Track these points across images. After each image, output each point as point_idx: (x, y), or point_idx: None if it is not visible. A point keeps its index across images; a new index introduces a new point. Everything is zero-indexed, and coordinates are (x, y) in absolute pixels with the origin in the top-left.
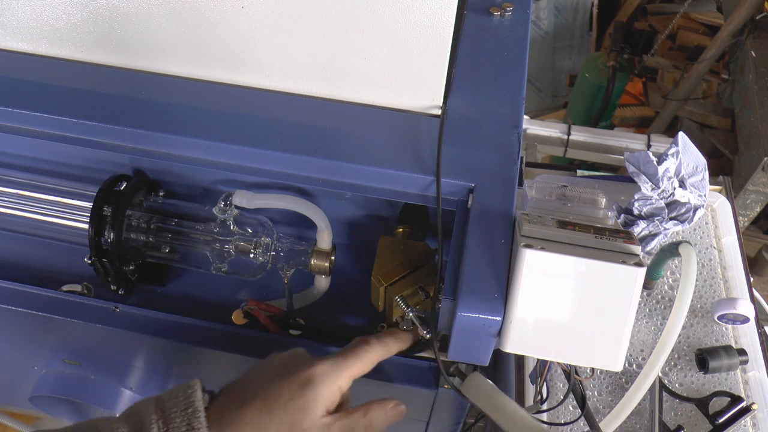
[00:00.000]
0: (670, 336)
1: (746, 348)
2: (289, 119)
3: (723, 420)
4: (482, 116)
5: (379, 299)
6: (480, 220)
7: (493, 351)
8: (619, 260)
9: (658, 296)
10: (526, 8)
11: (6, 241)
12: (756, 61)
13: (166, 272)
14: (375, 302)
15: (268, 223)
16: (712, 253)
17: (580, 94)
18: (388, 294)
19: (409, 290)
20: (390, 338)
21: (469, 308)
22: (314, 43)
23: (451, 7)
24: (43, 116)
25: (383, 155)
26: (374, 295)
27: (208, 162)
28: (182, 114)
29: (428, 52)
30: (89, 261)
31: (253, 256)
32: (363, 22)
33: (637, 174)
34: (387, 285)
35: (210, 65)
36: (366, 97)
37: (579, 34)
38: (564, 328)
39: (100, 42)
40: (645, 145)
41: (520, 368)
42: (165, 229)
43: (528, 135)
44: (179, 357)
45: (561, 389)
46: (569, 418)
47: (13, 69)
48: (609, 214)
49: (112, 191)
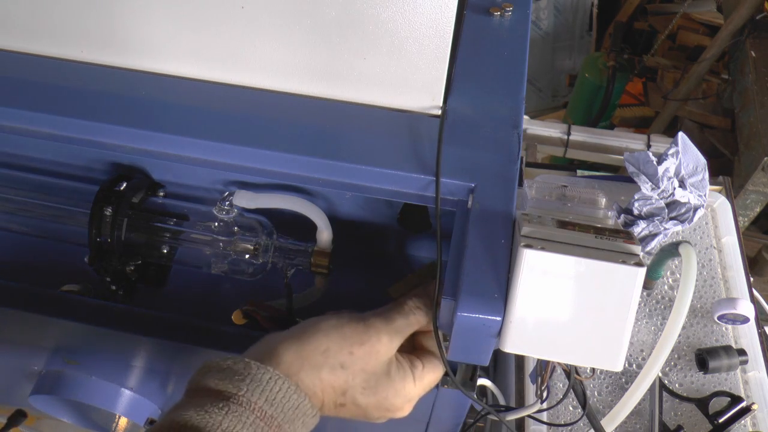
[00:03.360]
0: (670, 336)
1: (746, 348)
2: (289, 119)
3: (723, 420)
4: (482, 116)
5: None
6: (480, 220)
7: (493, 351)
8: (619, 260)
9: (658, 296)
10: (526, 8)
11: (6, 241)
12: (756, 61)
13: (166, 272)
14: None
15: (268, 223)
16: (712, 253)
17: (580, 94)
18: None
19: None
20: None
21: (469, 308)
22: (314, 43)
23: (451, 7)
24: (43, 116)
25: (383, 155)
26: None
27: (208, 162)
28: (182, 114)
29: (428, 52)
30: (89, 261)
31: (253, 256)
32: (363, 22)
33: (637, 174)
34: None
35: (210, 65)
36: (366, 97)
37: (579, 34)
38: (564, 328)
39: (100, 42)
40: (645, 145)
41: (520, 368)
42: (165, 229)
43: (528, 135)
44: (179, 357)
45: (561, 389)
46: (569, 418)
47: (13, 69)
48: (609, 214)
49: (112, 191)
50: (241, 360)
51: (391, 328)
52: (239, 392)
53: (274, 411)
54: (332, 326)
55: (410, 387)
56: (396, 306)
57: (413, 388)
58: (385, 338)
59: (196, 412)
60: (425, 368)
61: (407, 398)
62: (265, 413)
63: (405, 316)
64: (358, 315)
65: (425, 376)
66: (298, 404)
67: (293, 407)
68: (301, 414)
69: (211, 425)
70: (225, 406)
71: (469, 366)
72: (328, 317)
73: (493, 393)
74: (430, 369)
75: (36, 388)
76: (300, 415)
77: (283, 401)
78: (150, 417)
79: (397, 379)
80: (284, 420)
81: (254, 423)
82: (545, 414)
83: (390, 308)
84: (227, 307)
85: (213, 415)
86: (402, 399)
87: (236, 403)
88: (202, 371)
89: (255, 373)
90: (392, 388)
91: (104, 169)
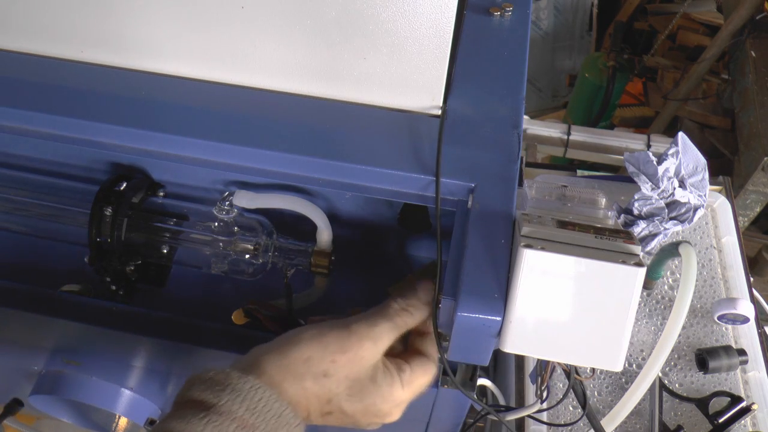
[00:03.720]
0: (670, 336)
1: (746, 348)
2: (289, 119)
3: (723, 420)
4: (482, 116)
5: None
6: (480, 220)
7: (493, 351)
8: (619, 260)
9: (658, 296)
10: (526, 8)
11: (6, 241)
12: (756, 61)
13: (166, 272)
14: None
15: (268, 223)
16: (712, 253)
17: (580, 94)
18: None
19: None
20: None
21: (469, 308)
22: (314, 43)
23: (451, 7)
24: (43, 116)
25: (383, 155)
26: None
27: (208, 162)
28: (182, 114)
29: (428, 52)
30: (89, 261)
31: (253, 256)
32: (363, 22)
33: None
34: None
35: (210, 65)
36: (366, 97)
37: (579, 34)
38: (564, 328)
39: (100, 42)
40: (645, 145)
41: (520, 368)
42: (165, 229)
43: (528, 135)
44: (179, 357)
45: (561, 389)
46: (569, 418)
47: (13, 69)
48: (609, 214)
49: (112, 191)
50: (222, 371)
51: (374, 333)
52: (219, 402)
53: (255, 420)
54: (313, 335)
55: (398, 392)
56: (381, 309)
57: (401, 393)
58: (368, 344)
59: (179, 423)
60: (414, 372)
61: (395, 403)
62: (246, 422)
63: (390, 319)
64: (341, 321)
65: (413, 380)
66: (280, 413)
67: (275, 416)
68: (284, 423)
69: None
70: (206, 416)
71: (469, 366)
72: (309, 327)
73: (493, 393)
74: (421, 372)
75: (36, 388)
76: (283, 423)
77: (264, 410)
78: (150, 417)
79: (383, 384)
80: (266, 429)
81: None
82: (545, 414)
83: (375, 311)
84: (227, 307)
85: (194, 425)
86: (389, 404)
87: (217, 413)
88: (188, 384)
89: (236, 384)
90: (379, 394)
91: (104, 169)
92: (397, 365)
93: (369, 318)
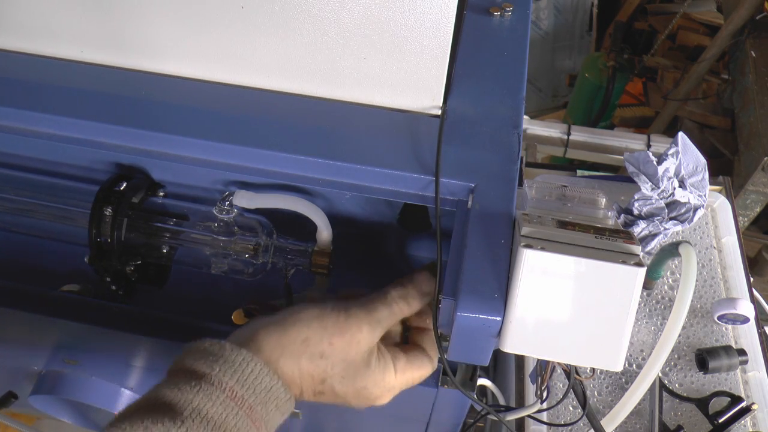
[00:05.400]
0: (670, 336)
1: (746, 348)
2: (289, 119)
3: (723, 420)
4: (482, 116)
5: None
6: (480, 220)
7: (493, 351)
8: (619, 260)
9: (658, 296)
10: (526, 8)
11: (6, 241)
12: (756, 61)
13: (166, 272)
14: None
15: (268, 223)
16: (712, 253)
17: (580, 94)
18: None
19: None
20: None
21: (469, 308)
22: (314, 43)
23: (451, 7)
24: (43, 116)
25: (383, 155)
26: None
27: (208, 162)
28: (182, 114)
29: (428, 52)
30: (89, 261)
31: (253, 256)
32: (363, 22)
33: (637, 174)
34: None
35: (210, 65)
36: (366, 97)
37: (579, 34)
38: (564, 328)
39: (100, 42)
40: (645, 145)
41: (520, 368)
42: (165, 229)
43: (528, 135)
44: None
45: (561, 389)
46: (569, 418)
47: (13, 69)
48: (609, 214)
49: (112, 191)
50: (218, 342)
51: (372, 318)
52: (211, 372)
53: (245, 392)
54: (313, 316)
55: (390, 378)
56: (379, 295)
57: (393, 380)
58: (365, 328)
59: (170, 390)
60: (409, 362)
61: (386, 388)
62: (235, 393)
63: (388, 306)
64: (340, 305)
65: (407, 369)
66: (270, 387)
67: (265, 389)
68: (273, 397)
69: (183, 402)
70: (197, 384)
71: (469, 366)
72: (310, 306)
73: (493, 393)
74: (417, 364)
75: (36, 388)
76: (272, 398)
77: (255, 383)
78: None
79: (377, 369)
80: (256, 402)
81: (224, 402)
82: (545, 414)
83: (373, 298)
84: (227, 307)
85: (185, 393)
86: (380, 389)
87: (208, 382)
88: (183, 353)
89: (228, 355)
90: (371, 378)
91: (104, 169)
92: (393, 353)
93: (368, 304)
